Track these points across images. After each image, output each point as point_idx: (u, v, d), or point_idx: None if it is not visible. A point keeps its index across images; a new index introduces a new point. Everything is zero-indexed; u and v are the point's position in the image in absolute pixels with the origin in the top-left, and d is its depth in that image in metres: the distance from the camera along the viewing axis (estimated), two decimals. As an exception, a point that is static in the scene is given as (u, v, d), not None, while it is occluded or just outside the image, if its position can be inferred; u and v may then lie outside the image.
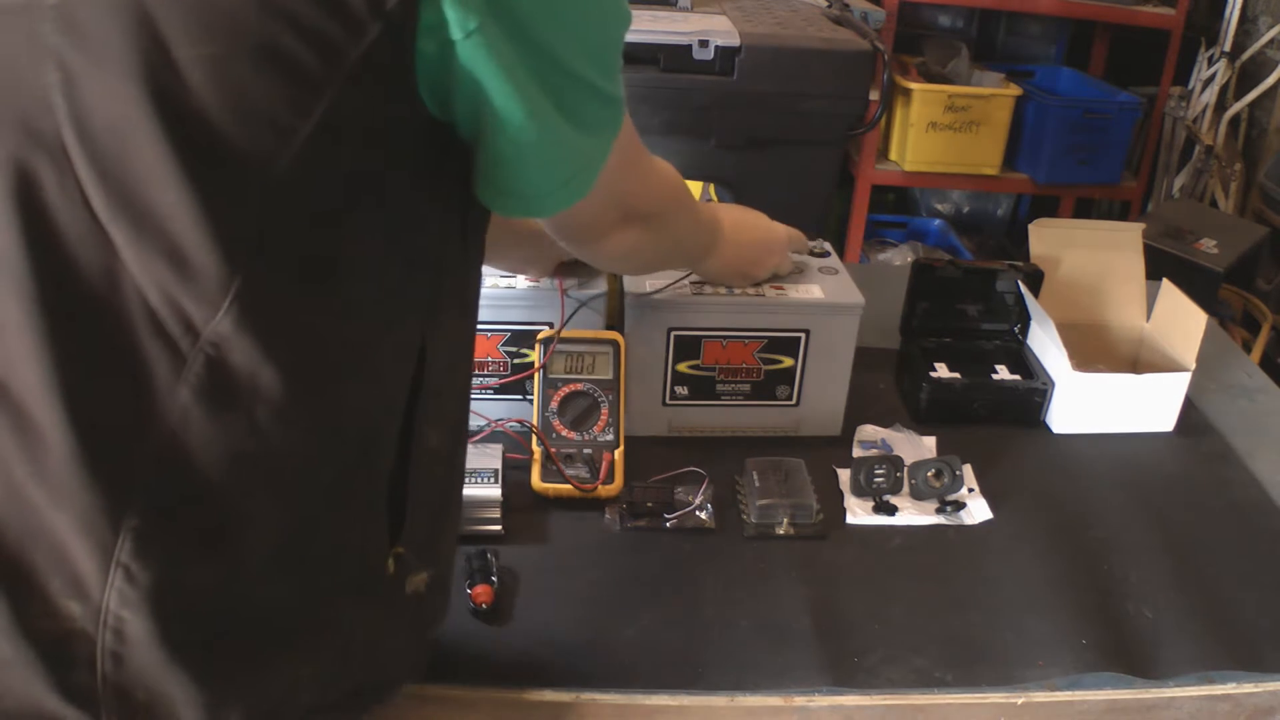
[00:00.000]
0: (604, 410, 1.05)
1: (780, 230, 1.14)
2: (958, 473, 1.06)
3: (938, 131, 2.69)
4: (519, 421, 1.07)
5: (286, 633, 0.63)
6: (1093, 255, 1.33)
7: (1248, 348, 2.31)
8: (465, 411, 0.77)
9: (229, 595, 0.60)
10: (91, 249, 0.54)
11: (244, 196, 0.54)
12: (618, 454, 1.04)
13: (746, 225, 1.11)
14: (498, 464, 1.00)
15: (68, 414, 0.55)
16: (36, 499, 0.56)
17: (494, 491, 0.97)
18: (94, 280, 0.54)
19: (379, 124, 0.57)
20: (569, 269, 1.11)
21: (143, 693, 0.58)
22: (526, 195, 0.67)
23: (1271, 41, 2.81)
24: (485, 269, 1.07)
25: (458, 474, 0.78)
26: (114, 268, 0.54)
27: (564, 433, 1.04)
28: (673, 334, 1.09)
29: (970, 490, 1.08)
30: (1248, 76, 2.88)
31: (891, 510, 1.05)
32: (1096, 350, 1.31)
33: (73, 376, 0.55)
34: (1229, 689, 0.88)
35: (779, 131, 1.83)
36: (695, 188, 1.48)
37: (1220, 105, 2.89)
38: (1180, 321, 1.26)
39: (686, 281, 1.11)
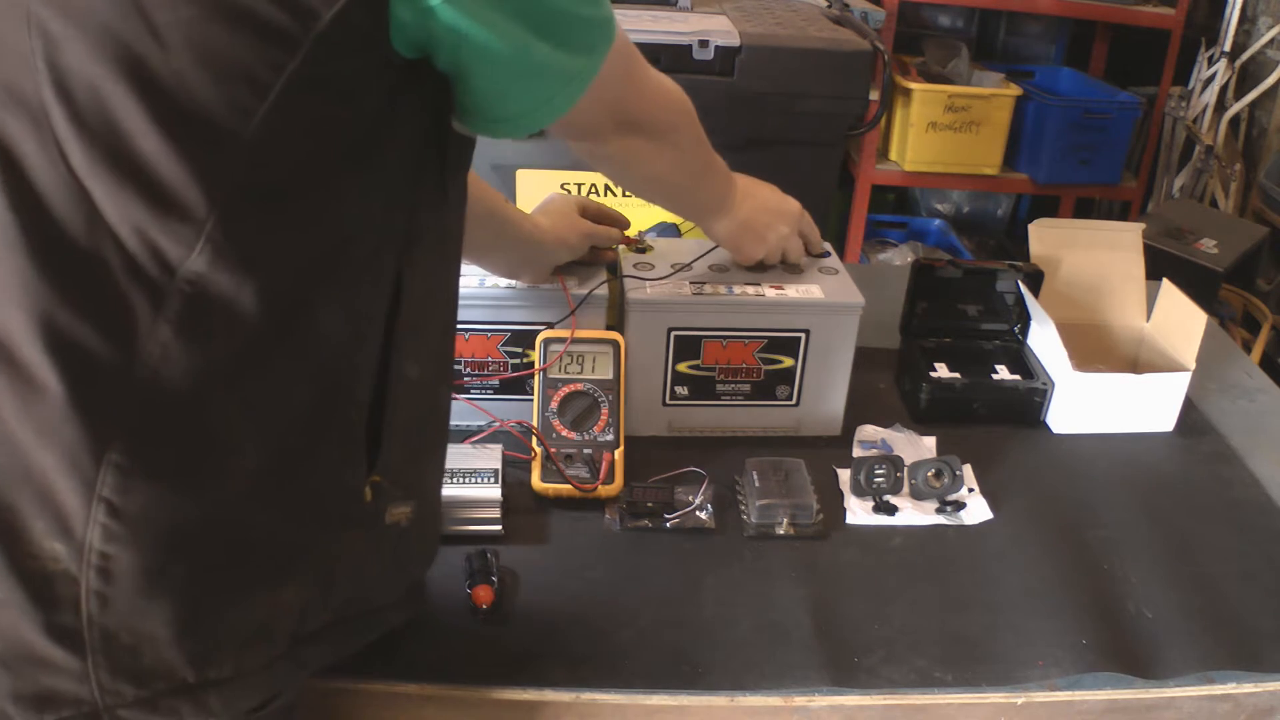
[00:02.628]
0: (604, 410, 1.05)
1: (793, 202, 1.16)
2: (958, 473, 1.06)
3: (938, 131, 2.69)
4: (519, 422, 1.07)
5: (267, 559, 0.65)
6: (1093, 255, 1.33)
7: (1248, 348, 2.31)
8: (449, 348, 0.80)
9: (211, 525, 0.62)
10: (70, 201, 0.57)
11: (218, 145, 0.57)
12: (618, 454, 1.04)
13: (760, 190, 1.14)
14: (498, 464, 1.00)
15: (53, 356, 0.57)
16: (23, 439, 0.58)
17: (494, 491, 0.97)
18: (74, 229, 0.57)
19: (351, 74, 0.60)
20: (568, 270, 1.12)
21: (128, 634, 0.60)
22: (510, 118, 0.70)
23: (1271, 41, 2.81)
24: (483, 273, 1.08)
25: (441, 408, 0.80)
26: (92, 217, 0.57)
27: (564, 433, 1.04)
28: (673, 334, 1.09)
29: (970, 490, 1.08)
30: (1248, 76, 2.88)
31: (891, 510, 1.05)
32: (1096, 350, 1.31)
33: (57, 320, 0.57)
34: (1229, 689, 0.88)
35: (779, 131, 1.83)
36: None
37: (1220, 105, 2.89)
38: (1180, 321, 1.26)
39: (687, 281, 1.11)
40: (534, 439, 1.04)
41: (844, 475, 1.09)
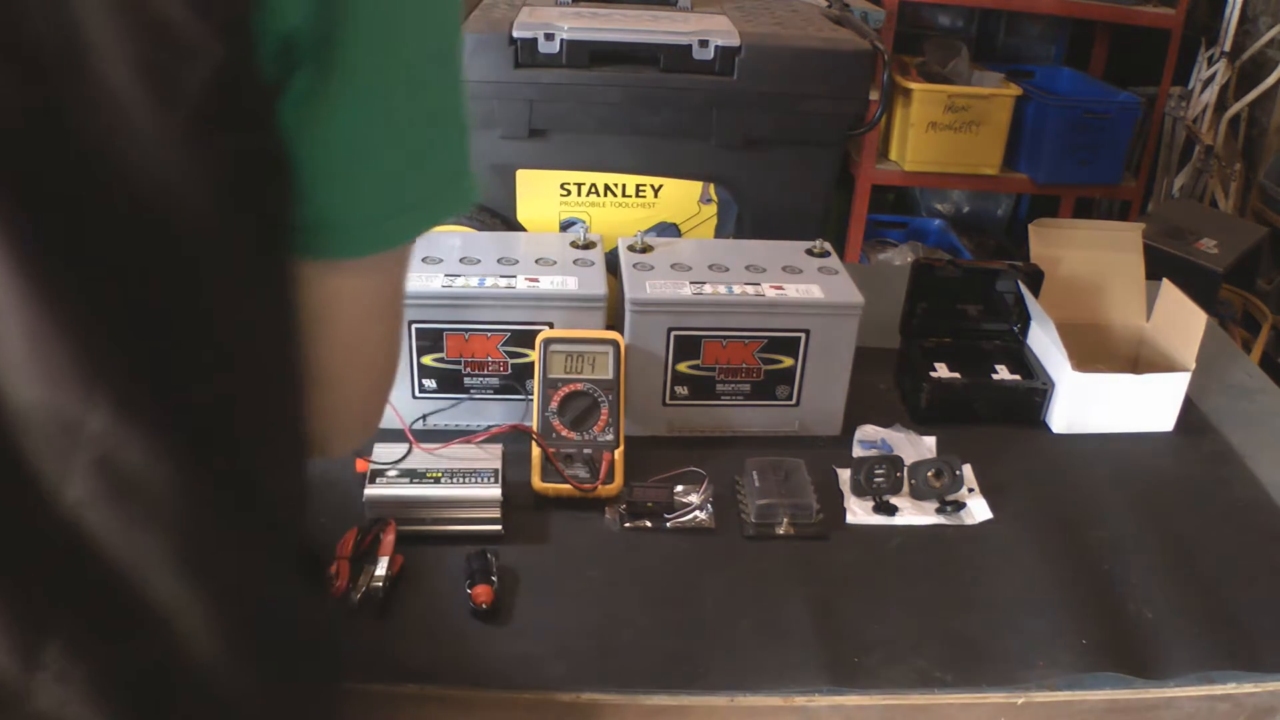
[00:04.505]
0: (604, 410, 1.05)
1: None
2: (958, 473, 1.06)
3: (938, 131, 2.69)
4: (517, 425, 1.07)
5: (246, 711, 0.58)
6: (1093, 255, 1.33)
7: (1248, 348, 2.31)
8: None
9: (173, 679, 0.55)
10: None
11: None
12: (618, 454, 1.04)
13: None
14: (498, 464, 1.00)
15: None
16: None
17: (494, 491, 0.97)
18: None
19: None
20: (569, 271, 1.11)
21: None
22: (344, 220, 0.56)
23: (1271, 41, 2.81)
24: (483, 272, 1.08)
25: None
26: None
27: (564, 433, 1.04)
28: (673, 334, 1.09)
29: (970, 490, 1.08)
30: (1248, 76, 2.88)
31: (891, 510, 1.05)
32: (1096, 350, 1.31)
33: None
34: (1229, 689, 0.88)
35: (779, 131, 1.82)
36: (695, 188, 1.48)
37: (1220, 105, 2.89)
38: (1180, 321, 1.26)
39: (687, 281, 1.11)
40: (533, 439, 1.04)
41: (844, 475, 1.09)
